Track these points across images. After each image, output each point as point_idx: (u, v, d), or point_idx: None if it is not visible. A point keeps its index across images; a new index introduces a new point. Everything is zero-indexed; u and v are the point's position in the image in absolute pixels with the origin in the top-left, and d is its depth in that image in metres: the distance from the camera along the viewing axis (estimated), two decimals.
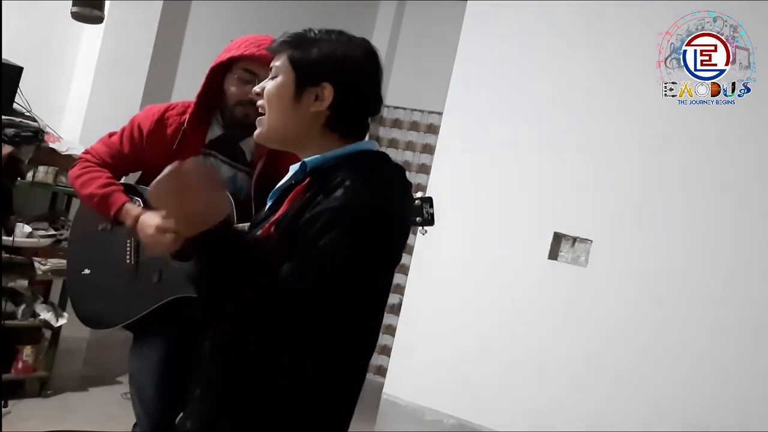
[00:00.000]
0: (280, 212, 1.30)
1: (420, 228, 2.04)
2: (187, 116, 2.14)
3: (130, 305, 2.12)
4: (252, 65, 2.04)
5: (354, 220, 1.20)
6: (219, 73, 2.11)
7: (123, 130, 2.21)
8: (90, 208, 2.18)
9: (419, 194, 2.05)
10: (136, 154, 2.18)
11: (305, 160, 1.32)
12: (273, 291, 1.16)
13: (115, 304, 2.16)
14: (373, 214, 1.22)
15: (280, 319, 1.17)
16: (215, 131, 2.18)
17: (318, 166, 1.30)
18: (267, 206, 1.39)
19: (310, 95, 1.30)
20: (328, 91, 1.29)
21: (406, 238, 1.35)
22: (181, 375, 1.97)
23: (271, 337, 1.19)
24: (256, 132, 1.37)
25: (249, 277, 1.17)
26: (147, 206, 2.13)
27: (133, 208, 2.09)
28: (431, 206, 2.01)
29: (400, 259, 1.33)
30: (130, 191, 2.20)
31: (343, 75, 1.30)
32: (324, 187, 1.24)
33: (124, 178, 2.33)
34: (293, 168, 1.35)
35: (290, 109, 1.31)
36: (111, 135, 2.24)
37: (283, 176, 1.39)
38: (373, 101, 1.36)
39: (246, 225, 1.54)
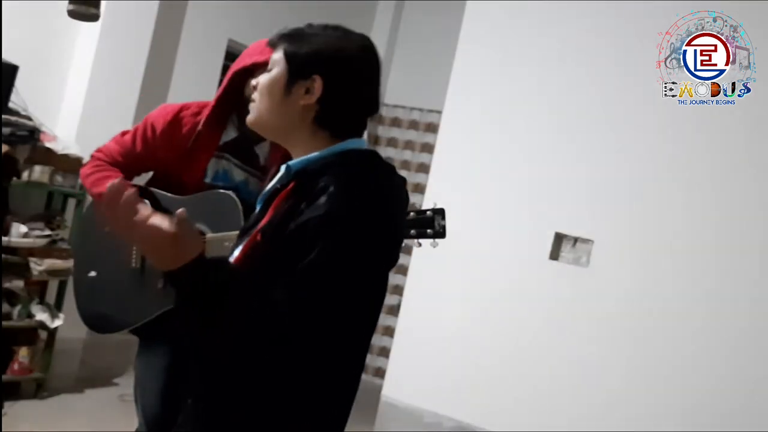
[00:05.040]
0: (265, 219, 1.28)
1: (431, 240, 1.99)
2: (202, 117, 2.11)
3: (135, 311, 2.09)
4: None
5: (339, 227, 1.17)
6: (240, 77, 2.06)
7: (136, 129, 2.18)
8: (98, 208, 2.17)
9: (432, 205, 2.00)
10: (149, 154, 2.15)
11: (289, 163, 1.30)
12: (266, 310, 1.14)
13: (119, 308, 2.14)
14: (358, 219, 1.19)
15: (274, 337, 1.14)
16: (230, 133, 2.15)
17: (302, 169, 1.28)
18: (256, 211, 1.36)
19: (300, 88, 1.28)
20: (318, 84, 1.27)
21: (399, 236, 1.32)
22: (184, 384, 1.96)
23: (265, 354, 1.17)
24: (248, 117, 1.36)
25: (241, 298, 1.15)
26: (154, 208, 2.12)
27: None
28: (443, 218, 1.96)
29: (395, 258, 1.30)
30: (141, 194, 2.18)
31: (334, 68, 1.28)
32: (307, 192, 1.22)
33: (135, 179, 2.31)
34: (281, 170, 1.33)
35: (280, 102, 1.29)
36: (124, 133, 2.21)
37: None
38: (368, 99, 1.33)
39: None
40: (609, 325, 3.50)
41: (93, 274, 2.19)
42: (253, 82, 1.36)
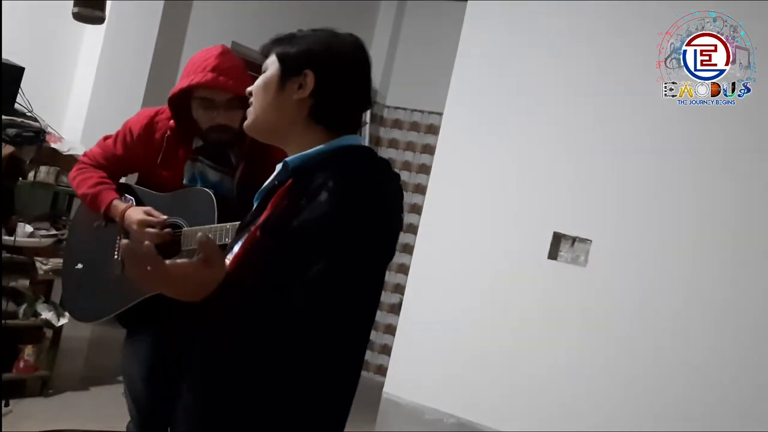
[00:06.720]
0: (264, 215, 1.31)
1: None
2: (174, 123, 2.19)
3: (116, 299, 2.16)
4: (203, 92, 2.09)
5: (341, 228, 1.21)
6: (182, 98, 2.14)
7: (117, 134, 2.28)
8: (86, 207, 2.27)
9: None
10: (130, 156, 2.25)
11: (287, 159, 1.33)
12: (274, 306, 1.18)
13: (101, 297, 2.22)
14: (359, 217, 1.23)
15: (283, 339, 1.18)
16: (199, 140, 2.22)
17: (299, 165, 1.31)
18: (254, 207, 1.40)
19: (293, 84, 1.32)
20: (309, 79, 1.31)
21: (399, 229, 1.36)
22: (169, 370, 2.02)
23: (270, 344, 1.20)
24: (245, 123, 1.40)
25: (254, 308, 1.19)
26: (138, 204, 2.20)
27: (120, 204, 2.17)
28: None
29: (393, 253, 1.33)
30: (127, 191, 2.26)
31: (324, 63, 1.32)
32: (306, 189, 1.25)
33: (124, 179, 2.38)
34: (278, 167, 1.36)
35: (275, 99, 1.34)
36: (106, 138, 2.31)
37: (271, 174, 1.40)
38: (359, 92, 1.36)
39: (236, 224, 1.59)
40: (607, 324, 3.51)
41: (79, 266, 2.27)
42: (248, 89, 1.40)
